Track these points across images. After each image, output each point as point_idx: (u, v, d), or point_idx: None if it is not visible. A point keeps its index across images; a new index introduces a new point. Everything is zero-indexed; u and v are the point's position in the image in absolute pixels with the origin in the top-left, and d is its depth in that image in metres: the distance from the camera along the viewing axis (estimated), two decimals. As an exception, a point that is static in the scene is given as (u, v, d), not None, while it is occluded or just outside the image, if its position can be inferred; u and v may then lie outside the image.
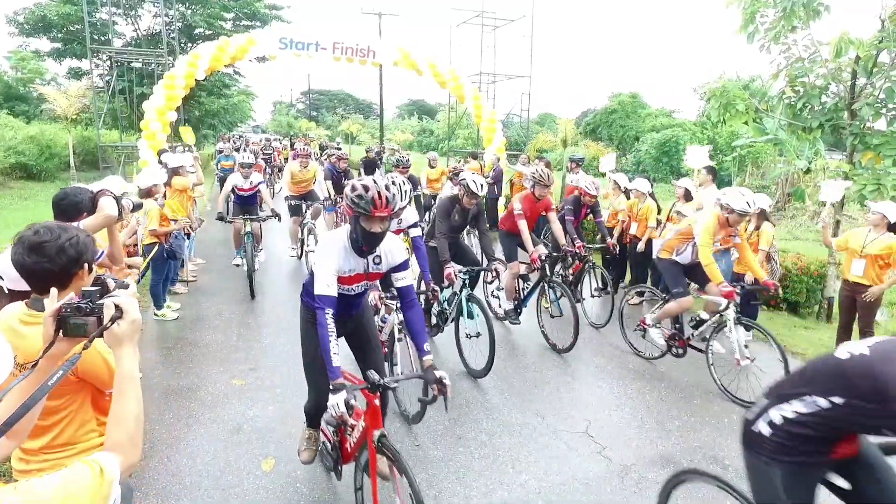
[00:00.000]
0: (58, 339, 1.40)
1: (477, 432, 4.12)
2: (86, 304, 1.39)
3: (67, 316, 1.38)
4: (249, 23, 25.18)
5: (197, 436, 3.92)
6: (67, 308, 1.39)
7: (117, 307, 1.40)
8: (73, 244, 1.80)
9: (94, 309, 1.39)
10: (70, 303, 1.40)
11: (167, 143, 10.98)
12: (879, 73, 6.51)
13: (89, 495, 1.12)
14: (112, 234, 3.53)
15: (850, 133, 6.83)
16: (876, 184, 6.47)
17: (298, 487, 3.41)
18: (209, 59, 11.62)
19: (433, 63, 13.46)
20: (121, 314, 1.40)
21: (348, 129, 44.93)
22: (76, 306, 1.39)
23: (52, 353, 1.41)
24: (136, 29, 24.19)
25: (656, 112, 34.01)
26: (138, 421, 1.38)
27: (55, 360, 1.44)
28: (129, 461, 1.31)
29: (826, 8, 6.71)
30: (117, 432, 1.34)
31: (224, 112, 28.63)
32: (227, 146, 15.07)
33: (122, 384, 1.39)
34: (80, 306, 1.39)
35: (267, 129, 53.36)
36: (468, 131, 31.40)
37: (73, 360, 1.38)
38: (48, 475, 1.12)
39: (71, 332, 1.39)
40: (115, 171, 14.16)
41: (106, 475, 1.17)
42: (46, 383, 1.29)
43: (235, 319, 6.36)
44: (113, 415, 1.36)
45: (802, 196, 15.26)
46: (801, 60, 7.03)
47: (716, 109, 7.72)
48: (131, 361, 1.42)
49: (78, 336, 1.40)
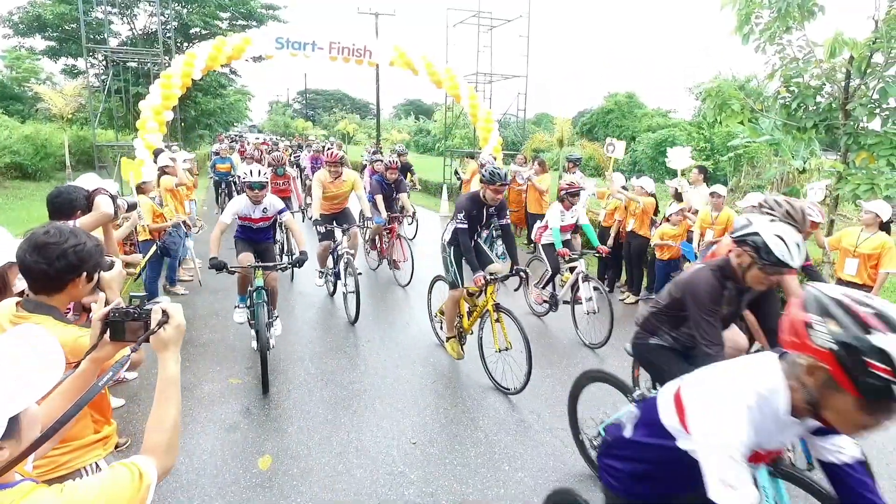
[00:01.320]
0: (103, 342, 1.44)
1: (473, 430, 4.14)
2: (134, 309, 1.44)
3: (116, 320, 1.43)
4: (246, 22, 25.13)
5: (193, 434, 3.93)
6: (116, 312, 1.43)
7: (164, 312, 1.44)
8: (77, 251, 1.80)
9: (142, 314, 1.44)
10: (119, 308, 1.44)
11: (163, 143, 10.97)
12: (873, 74, 6.55)
13: (128, 497, 1.14)
14: (107, 233, 3.52)
15: (844, 133, 6.86)
16: (870, 183, 6.51)
17: (295, 485, 3.42)
18: (206, 59, 11.61)
19: (429, 63, 13.47)
20: (167, 319, 1.44)
21: (345, 128, 44.88)
22: (125, 311, 1.44)
23: (99, 355, 1.45)
24: (131, 28, 24.12)
25: (652, 112, 34.10)
26: (177, 426, 1.40)
27: (99, 362, 1.48)
28: (166, 465, 1.33)
29: (821, 8, 6.75)
30: (156, 436, 1.35)
31: (220, 112, 28.55)
32: (223, 147, 14.03)
33: (165, 388, 1.41)
34: (128, 311, 1.44)
35: (263, 129, 53.26)
36: (465, 131, 31.42)
37: (123, 361, 1.42)
38: (91, 477, 1.15)
39: (119, 336, 1.44)
40: (110, 170, 14.11)
41: (144, 479, 1.20)
42: (97, 384, 1.32)
43: (232, 319, 6.35)
44: (153, 418, 1.38)
45: (798, 195, 15.33)
46: (795, 61, 7.06)
47: (711, 109, 7.74)
48: (175, 366, 1.44)
49: (125, 341, 1.45)
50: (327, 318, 6.56)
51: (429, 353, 5.56)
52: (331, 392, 4.65)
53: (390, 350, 5.62)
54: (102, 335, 1.43)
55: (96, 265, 1.87)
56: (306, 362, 5.25)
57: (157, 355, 1.45)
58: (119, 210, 3.87)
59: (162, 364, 1.43)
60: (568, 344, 6.01)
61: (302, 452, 3.76)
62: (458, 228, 4.83)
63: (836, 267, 5.72)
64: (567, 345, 5.98)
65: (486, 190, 4.77)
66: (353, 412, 4.34)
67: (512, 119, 23.82)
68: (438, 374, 5.09)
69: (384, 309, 7.03)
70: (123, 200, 4.12)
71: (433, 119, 48.52)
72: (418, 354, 5.53)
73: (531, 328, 6.40)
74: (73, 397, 1.40)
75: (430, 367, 5.22)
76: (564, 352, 5.78)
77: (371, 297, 7.43)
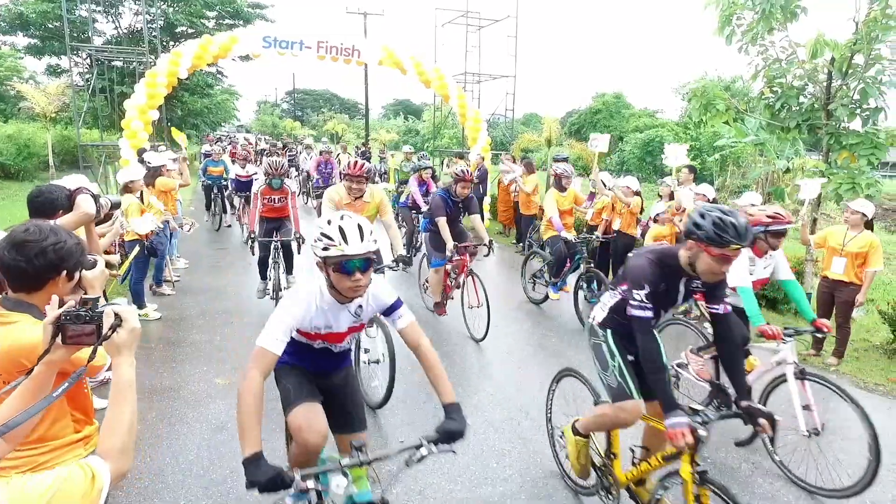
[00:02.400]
0: (56, 345, 1.40)
1: (461, 428, 4.15)
2: (86, 311, 1.40)
3: (67, 323, 1.39)
4: (232, 21, 24.97)
5: (180, 435, 3.90)
6: (67, 316, 1.39)
7: (117, 315, 1.41)
8: (57, 249, 1.77)
9: (94, 317, 1.39)
10: (70, 310, 1.40)
11: (149, 143, 10.87)
12: (854, 75, 6.66)
13: (78, 499, 1.12)
14: (90, 233, 3.49)
15: (826, 133, 6.98)
16: (851, 183, 6.62)
17: (283, 485, 3.40)
18: (192, 58, 11.50)
19: (418, 62, 13.46)
20: (120, 322, 1.41)
21: (334, 128, 44.68)
22: (76, 314, 1.39)
23: (52, 359, 1.41)
24: (116, 27, 23.88)
25: (639, 112, 34.33)
26: (132, 429, 1.38)
27: (54, 366, 1.45)
28: (120, 469, 1.31)
29: (803, 10, 6.85)
30: (110, 439, 1.34)
31: (207, 112, 28.32)
32: (215, 148, 13.28)
33: (119, 392, 1.40)
34: (79, 314, 1.39)
35: (251, 129, 52.88)
36: (453, 131, 31.44)
37: (80, 372, 1.40)
38: (42, 473, 1.12)
39: (70, 339, 1.40)
40: (95, 170, 13.92)
41: (97, 481, 1.18)
42: (52, 395, 1.30)
43: (219, 319, 6.32)
44: (108, 422, 1.36)
45: (782, 195, 15.50)
46: (778, 61, 7.16)
47: (696, 109, 7.83)
48: (129, 369, 1.42)
49: (77, 344, 1.41)
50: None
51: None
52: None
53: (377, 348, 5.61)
54: (54, 339, 1.38)
55: (77, 264, 1.85)
56: (294, 362, 5.23)
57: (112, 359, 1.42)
58: (102, 209, 3.84)
59: (115, 367, 1.41)
60: (557, 342, 6.04)
61: (290, 452, 3.75)
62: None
63: (823, 265, 5.80)
64: (556, 343, 6.02)
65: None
66: (341, 411, 4.33)
67: (500, 119, 23.89)
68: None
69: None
70: (107, 199, 4.09)
71: (422, 119, 48.49)
72: (408, 352, 5.51)
73: (519, 330, 6.44)
74: (30, 401, 1.38)
75: (418, 365, 5.21)
76: (554, 350, 5.81)
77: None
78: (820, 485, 3.46)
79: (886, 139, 6.70)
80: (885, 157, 6.98)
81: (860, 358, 5.91)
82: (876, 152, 6.66)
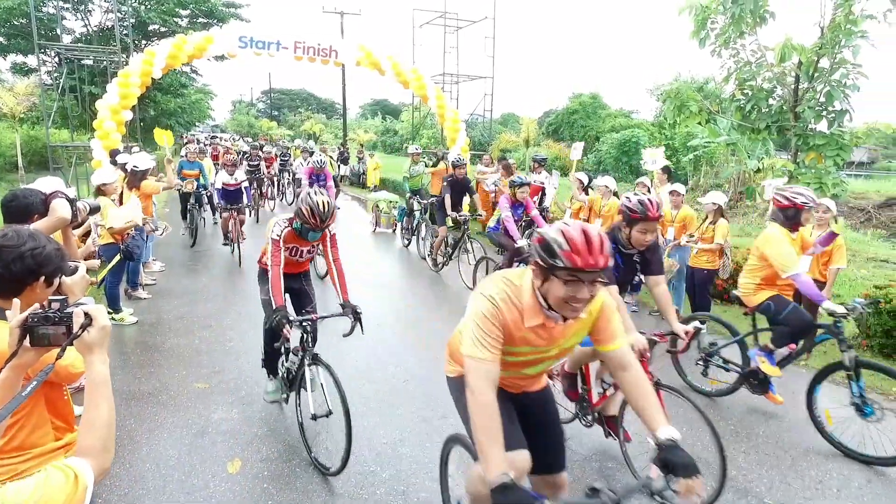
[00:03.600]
0: (24, 349, 1.38)
1: (444, 428, 4.18)
2: (54, 313, 1.38)
3: (35, 325, 1.36)
4: (206, 20, 24.60)
5: (160, 440, 3.86)
6: (35, 317, 1.37)
7: (86, 315, 1.40)
8: (35, 255, 1.75)
9: (63, 318, 1.38)
10: (37, 312, 1.38)
11: (121, 144, 10.67)
12: (820, 78, 6.89)
13: (63, 501, 1.12)
14: (66, 237, 3.44)
15: (794, 134, 7.20)
16: (818, 182, 6.84)
17: (266, 487, 3.40)
18: (166, 57, 11.34)
19: (396, 63, 13.47)
20: (90, 321, 1.40)
21: (311, 128, 44.34)
22: (44, 315, 1.37)
23: (20, 362, 1.39)
24: (86, 25, 23.33)
25: (615, 113, 34.81)
26: (110, 426, 1.38)
27: (22, 370, 1.42)
28: (102, 466, 1.30)
29: (772, 14, 7.06)
30: (89, 437, 1.33)
31: (181, 111, 27.87)
32: (192, 148, 11.51)
33: (93, 390, 1.39)
34: (48, 315, 1.37)
35: (227, 129, 52.14)
36: (432, 131, 31.47)
37: (48, 370, 1.37)
38: (23, 480, 1.12)
39: (38, 341, 1.37)
40: (65, 172, 13.61)
41: (81, 481, 1.18)
42: (21, 394, 1.29)
43: (198, 322, 6.25)
44: (85, 420, 1.36)
45: (753, 194, 15.94)
46: (748, 64, 7.37)
47: (671, 110, 8.01)
48: (102, 367, 1.41)
49: (45, 346, 1.39)
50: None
51: (399, 353, 5.58)
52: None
53: (360, 350, 5.62)
54: (21, 342, 1.36)
55: (56, 269, 1.82)
56: (275, 365, 5.21)
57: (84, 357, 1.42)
58: (79, 214, 3.78)
59: (88, 366, 1.41)
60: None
61: (272, 455, 3.74)
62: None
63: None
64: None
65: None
66: (323, 413, 4.33)
67: (479, 119, 24.00)
68: (410, 373, 5.12)
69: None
70: (84, 203, 4.03)
71: (400, 119, 48.40)
72: (389, 354, 5.54)
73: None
74: None
75: (401, 368, 5.24)
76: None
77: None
78: None
79: (851, 140, 6.95)
80: (849, 157, 7.24)
81: (828, 352, 6.10)
82: (841, 153, 6.90)
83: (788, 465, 3.84)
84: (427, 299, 7.77)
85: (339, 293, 3.91)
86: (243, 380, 4.84)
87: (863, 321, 5.56)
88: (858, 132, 7.12)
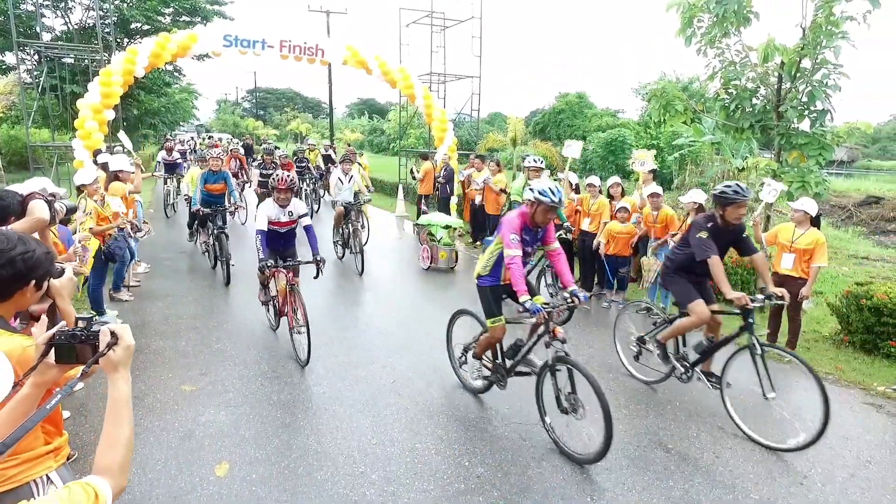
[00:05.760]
0: (48, 365, 1.40)
1: (433, 428, 4.18)
2: (81, 331, 1.41)
3: (62, 343, 1.39)
4: (190, 18, 24.27)
5: (146, 444, 3.81)
6: (62, 335, 1.40)
7: (113, 334, 1.41)
8: (26, 259, 1.74)
9: (90, 336, 1.41)
10: (64, 330, 1.41)
11: (104, 144, 10.50)
12: (802, 78, 6.98)
13: None
14: (44, 239, 3.38)
15: (777, 133, 7.28)
16: (801, 181, 6.93)
17: (254, 490, 3.37)
18: (149, 56, 11.18)
19: (383, 62, 13.42)
20: (116, 340, 1.41)
21: (297, 128, 44.06)
22: (71, 333, 1.40)
23: (44, 379, 1.42)
24: (66, 22, 22.91)
25: (602, 112, 35.00)
26: (130, 446, 1.38)
27: (45, 387, 1.45)
28: (120, 485, 1.31)
29: (756, 15, 7.13)
30: (109, 456, 1.33)
31: (165, 111, 27.51)
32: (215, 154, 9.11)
33: (116, 408, 1.39)
34: (75, 333, 1.40)
35: (211, 129, 51.60)
36: (420, 131, 31.44)
37: (72, 384, 1.39)
38: (45, 497, 1.14)
39: (66, 358, 1.41)
40: (46, 172, 13.37)
41: (101, 499, 1.19)
42: (45, 407, 1.30)
43: (184, 324, 6.18)
44: (106, 438, 1.36)
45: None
46: (733, 64, 7.44)
47: (656, 110, 8.06)
48: (126, 386, 1.42)
49: (70, 363, 1.42)
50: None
51: (386, 353, 5.57)
52: (287, 395, 4.60)
53: (347, 351, 5.60)
54: (43, 357, 1.39)
55: (46, 273, 1.81)
56: (262, 365, 5.17)
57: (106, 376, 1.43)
58: (57, 214, 3.71)
59: (112, 384, 1.41)
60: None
61: (260, 457, 3.71)
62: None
63: (774, 262, 6.05)
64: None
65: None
66: (311, 415, 4.31)
67: (466, 119, 24.01)
68: (397, 373, 5.11)
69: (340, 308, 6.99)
70: (61, 204, 3.95)
71: (387, 119, 48.27)
72: (376, 354, 5.52)
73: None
74: (17, 421, 1.37)
75: (388, 367, 5.23)
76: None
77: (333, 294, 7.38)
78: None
79: (832, 139, 7.04)
80: (831, 156, 7.34)
81: (811, 349, 6.21)
82: (823, 152, 6.99)
83: (774, 461, 3.89)
84: (416, 300, 7.76)
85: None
86: (231, 382, 4.79)
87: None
88: (839, 131, 7.21)
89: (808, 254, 5.63)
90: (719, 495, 3.48)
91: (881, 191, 22.12)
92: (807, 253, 5.64)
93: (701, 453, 3.97)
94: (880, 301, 5.82)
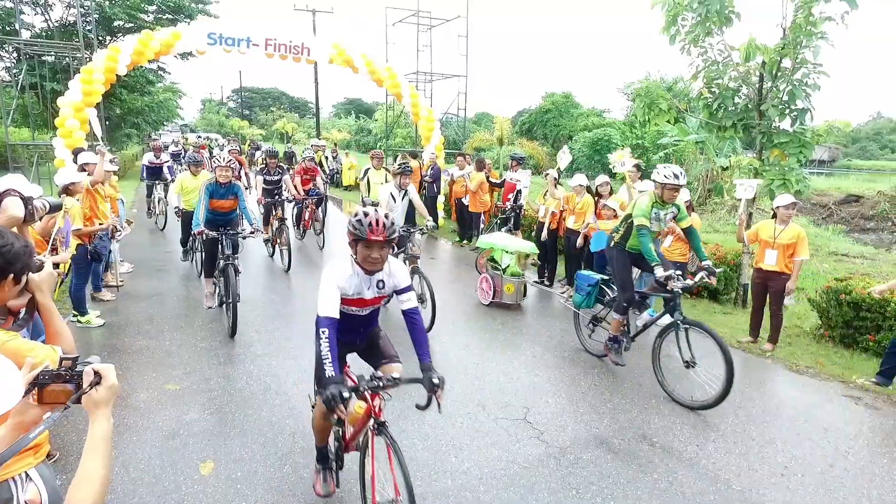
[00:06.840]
0: (30, 405, 1.39)
1: (420, 425, 4.19)
2: (66, 371, 1.40)
3: (45, 383, 1.38)
4: (173, 16, 24.00)
5: (129, 444, 3.77)
6: (46, 375, 1.38)
7: (96, 373, 1.41)
8: (3, 253, 1.73)
9: (74, 376, 1.40)
10: (48, 370, 1.40)
11: (86, 143, 10.37)
12: (783, 77, 7.08)
13: None
14: (22, 236, 3.34)
15: (759, 132, 7.39)
16: (782, 179, 7.04)
17: (239, 489, 3.35)
18: (131, 54, 11.06)
19: (370, 61, 13.40)
20: (99, 380, 1.41)
21: (283, 127, 43.75)
22: (56, 374, 1.39)
23: (24, 420, 1.41)
24: (46, 20, 22.54)
25: (588, 112, 35.26)
26: (105, 484, 1.37)
27: (24, 428, 1.42)
28: None
29: (737, 15, 7.23)
30: (83, 491, 1.32)
31: (149, 110, 27.12)
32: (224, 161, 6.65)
33: (95, 445, 1.38)
34: (59, 373, 1.40)
35: (196, 129, 51.07)
36: (406, 130, 31.37)
37: (54, 417, 1.38)
38: None
39: (48, 399, 1.39)
40: (26, 171, 13.16)
41: None
42: (28, 436, 1.29)
43: (168, 324, 6.12)
44: (82, 473, 1.35)
45: (721, 191, 16.35)
46: (715, 63, 7.53)
47: (641, 109, 8.14)
48: (107, 423, 1.42)
49: (54, 403, 1.40)
50: (267, 322, 6.42)
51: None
52: (273, 394, 4.57)
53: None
54: (26, 395, 1.36)
55: (24, 267, 1.80)
56: (247, 364, 5.14)
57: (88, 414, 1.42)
58: (37, 212, 3.66)
59: (93, 422, 1.41)
60: (510, 335, 6.16)
61: (245, 456, 3.69)
62: None
63: (757, 258, 6.15)
64: (510, 336, 6.14)
65: None
66: (296, 414, 4.29)
67: (453, 118, 24.03)
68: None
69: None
70: (43, 202, 3.89)
71: (374, 118, 48.13)
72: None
73: (479, 328, 6.53)
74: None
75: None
76: (508, 342, 5.93)
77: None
78: None
79: (812, 138, 7.17)
80: (812, 154, 7.47)
81: (792, 343, 6.31)
82: (804, 150, 7.12)
83: (755, 453, 3.95)
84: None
85: None
86: (216, 380, 4.76)
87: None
88: (819, 130, 7.33)
89: (791, 249, 5.73)
90: (703, 487, 3.53)
91: (861, 190, 22.56)
92: (789, 248, 5.74)
93: (685, 446, 4.02)
94: (859, 296, 5.94)
